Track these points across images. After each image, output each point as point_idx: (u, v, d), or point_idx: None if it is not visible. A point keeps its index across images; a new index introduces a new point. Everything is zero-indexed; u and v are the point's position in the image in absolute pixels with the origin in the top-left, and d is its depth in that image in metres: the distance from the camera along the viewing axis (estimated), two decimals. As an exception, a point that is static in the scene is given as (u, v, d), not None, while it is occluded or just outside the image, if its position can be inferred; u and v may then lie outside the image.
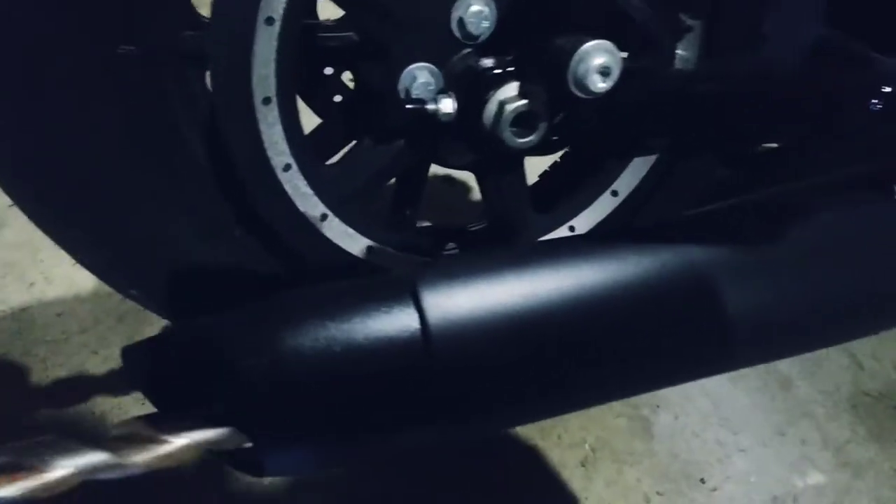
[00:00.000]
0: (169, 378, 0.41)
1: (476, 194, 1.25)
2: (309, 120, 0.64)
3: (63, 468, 0.33)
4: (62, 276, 0.99)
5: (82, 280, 0.99)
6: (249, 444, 0.39)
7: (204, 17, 0.57)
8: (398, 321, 0.40)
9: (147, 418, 0.37)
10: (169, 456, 0.36)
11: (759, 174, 0.67)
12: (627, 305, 0.44)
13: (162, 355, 0.42)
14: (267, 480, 0.76)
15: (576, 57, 0.42)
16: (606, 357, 0.43)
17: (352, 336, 0.39)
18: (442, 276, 0.43)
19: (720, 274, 0.47)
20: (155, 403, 0.42)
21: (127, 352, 0.42)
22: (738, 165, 0.67)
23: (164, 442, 0.36)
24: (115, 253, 0.63)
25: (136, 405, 0.78)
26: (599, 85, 0.42)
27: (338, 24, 0.62)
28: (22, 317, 0.94)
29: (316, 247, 0.61)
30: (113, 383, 0.86)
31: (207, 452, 0.40)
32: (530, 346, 0.42)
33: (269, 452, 0.40)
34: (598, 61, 0.41)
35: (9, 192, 0.58)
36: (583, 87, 0.43)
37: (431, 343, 0.40)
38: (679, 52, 0.49)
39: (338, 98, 0.83)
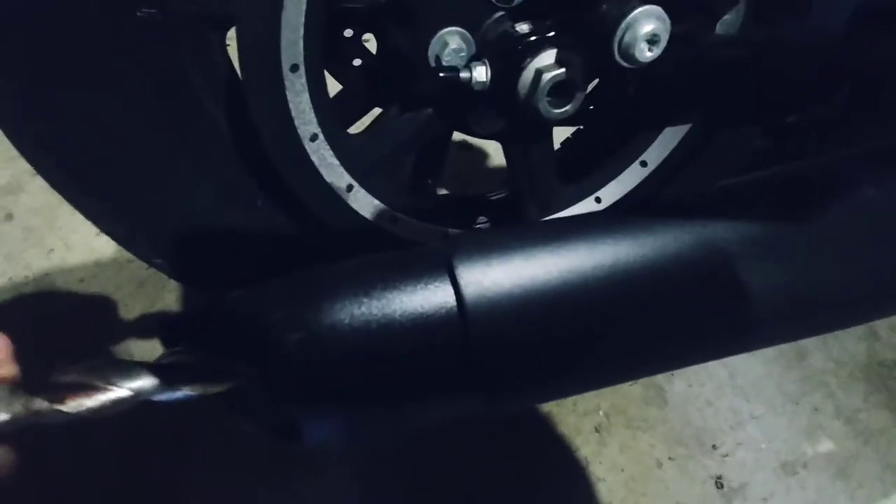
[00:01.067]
0: (207, 351, 0.41)
1: (491, 162, 1.23)
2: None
3: (123, 388, 0.35)
4: (81, 243, 0.99)
5: (101, 246, 0.99)
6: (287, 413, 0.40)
7: (224, -24, 0.54)
8: (434, 297, 0.40)
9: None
10: (217, 383, 0.37)
11: (797, 144, 0.66)
12: (662, 281, 0.43)
13: (200, 329, 0.42)
14: (284, 463, 0.79)
15: (623, 24, 0.40)
16: (643, 333, 0.43)
17: (388, 312, 0.39)
18: (476, 251, 0.42)
19: (756, 250, 0.46)
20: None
21: (164, 325, 0.42)
22: (778, 135, 0.65)
23: (211, 369, 0.37)
24: (137, 222, 0.63)
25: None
26: (647, 54, 0.41)
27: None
28: (44, 283, 0.95)
29: (341, 217, 0.61)
30: (138, 349, 0.87)
31: (245, 425, 0.41)
32: (564, 321, 0.42)
33: (305, 423, 0.40)
34: (646, 29, 0.39)
35: (32, 163, 0.57)
36: (629, 56, 0.41)
37: (467, 318, 0.40)
38: (725, 15, 0.47)
39: (357, 62, 0.80)
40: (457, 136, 0.66)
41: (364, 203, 0.60)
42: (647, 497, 0.85)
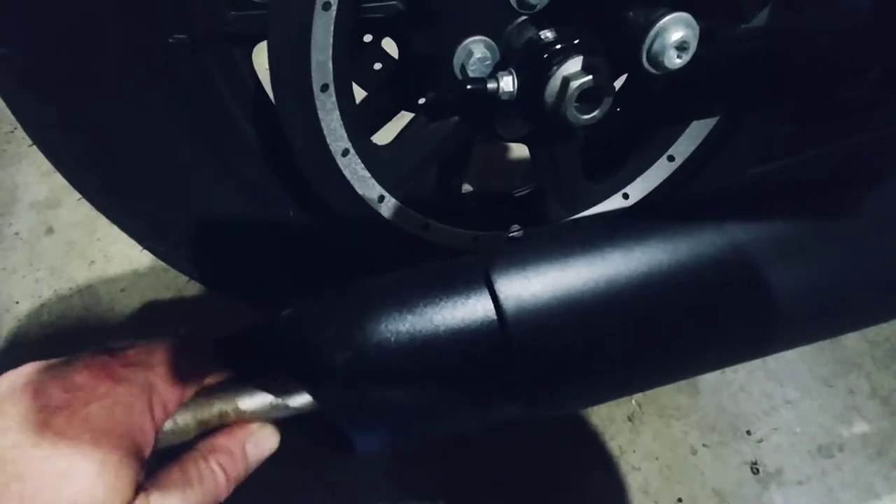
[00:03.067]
0: (260, 369, 0.43)
1: (514, 153, 1.23)
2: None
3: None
4: (120, 254, 1.03)
5: (139, 256, 1.02)
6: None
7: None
8: (474, 311, 0.41)
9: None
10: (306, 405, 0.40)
11: (828, 129, 0.64)
12: (697, 285, 0.44)
13: (252, 349, 0.44)
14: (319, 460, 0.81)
15: (651, 32, 0.40)
16: (681, 338, 0.43)
17: (430, 328, 0.41)
18: (512, 262, 0.43)
19: (793, 249, 0.46)
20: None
21: (219, 344, 0.44)
22: (808, 120, 0.64)
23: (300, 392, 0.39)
24: (176, 239, 0.65)
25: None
26: (676, 61, 0.40)
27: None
28: (87, 294, 0.99)
29: (373, 227, 0.62)
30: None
31: (301, 436, 0.43)
32: (601, 329, 0.43)
33: (357, 435, 0.42)
34: (676, 36, 0.39)
35: (77, 187, 0.60)
36: (658, 64, 0.41)
37: (508, 331, 0.41)
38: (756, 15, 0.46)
39: (378, 66, 0.81)
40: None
41: (396, 212, 0.61)
42: (682, 484, 0.86)
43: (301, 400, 0.40)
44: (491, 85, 0.50)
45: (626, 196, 0.68)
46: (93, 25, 0.49)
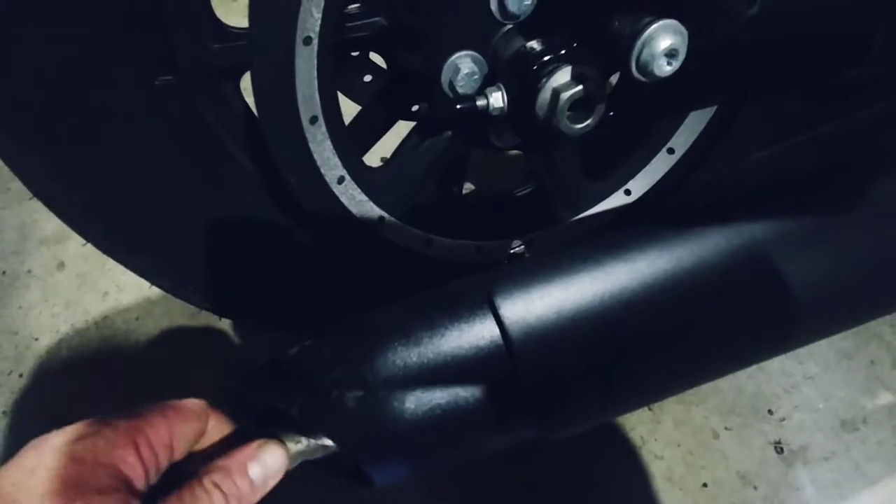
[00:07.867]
0: (271, 411, 0.43)
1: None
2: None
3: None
4: (131, 283, 1.04)
5: (150, 285, 1.03)
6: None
7: (228, 26, 0.55)
8: (481, 339, 0.41)
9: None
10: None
11: (832, 108, 0.63)
12: (704, 294, 0.43)
13: (261, 389, 0.44)
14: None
15: (639, 42, 0.38)
16: (690, 349, 0.43)
17: (439, 360, 0.41)
18: (515, 286, 0.43)
19: (797, 244, 0.45)
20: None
21: (228, 387, 0.45)
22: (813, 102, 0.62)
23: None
24: (183, 274, 0.66)
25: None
26: (665, 69, 0.39)
27: (362, 9, 0.58)
28: (104, 325, 1.00)
29: (375, 248, 0.62)
30: (200, 379, 0.92)
31: (322, 469, 0.44)
32: (609, 347, 0.42)
33: (373, 469, 0.43)
34: (665, 44, 0.38)
35: (79, 232, 0.60)
36: (647, 72, 0.40)
37: (515, 356, 0.41)
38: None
39: (368, 78, 0.80)
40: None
41: (396, 231, 0.61)
42: (706, 469, 0.86)
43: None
44: (480, 102, 0.49)
45: (628, 192, 0.67)
46: (83, 78, 0.48)
